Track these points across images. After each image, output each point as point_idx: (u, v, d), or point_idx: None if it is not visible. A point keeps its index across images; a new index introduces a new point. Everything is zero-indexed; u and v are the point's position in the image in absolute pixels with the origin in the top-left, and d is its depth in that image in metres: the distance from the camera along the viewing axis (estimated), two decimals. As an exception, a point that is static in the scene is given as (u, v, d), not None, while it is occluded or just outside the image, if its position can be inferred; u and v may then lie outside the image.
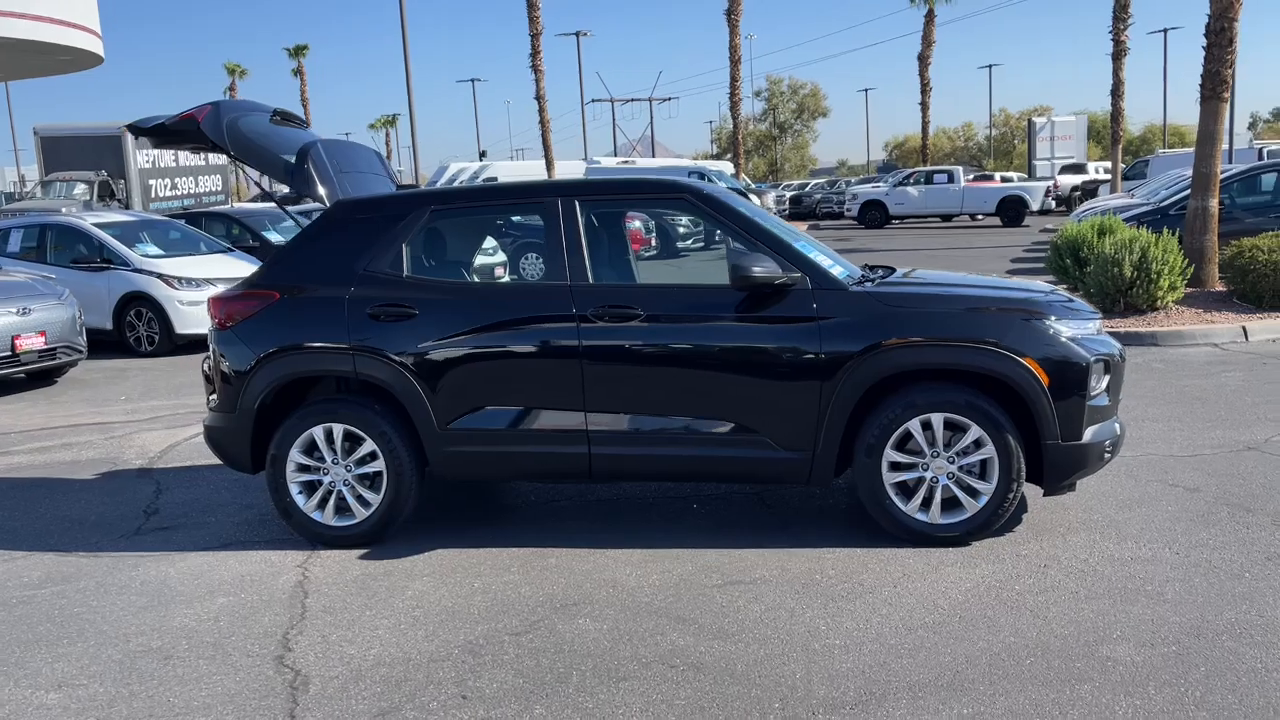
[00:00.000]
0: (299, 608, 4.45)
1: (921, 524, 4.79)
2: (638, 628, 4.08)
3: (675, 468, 5.05)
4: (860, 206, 35.96)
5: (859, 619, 4.05)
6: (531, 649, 3.93)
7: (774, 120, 76.92)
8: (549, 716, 3.42)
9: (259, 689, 3.72)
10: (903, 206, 35.48)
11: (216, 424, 5.38)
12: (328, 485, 5.17)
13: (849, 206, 36.62)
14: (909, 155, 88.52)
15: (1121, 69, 30.50)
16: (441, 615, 4.30)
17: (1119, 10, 30.23)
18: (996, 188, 35.19)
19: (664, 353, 4.90)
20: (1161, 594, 4.16)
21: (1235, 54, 12.01)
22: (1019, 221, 33.22)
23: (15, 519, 6.01)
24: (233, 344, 5.26)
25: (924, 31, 46.10)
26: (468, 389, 5.02)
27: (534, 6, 36.75)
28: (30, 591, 4.82)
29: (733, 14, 38.90)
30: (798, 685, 3.54)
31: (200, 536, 5.52)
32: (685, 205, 5.23)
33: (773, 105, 77.43)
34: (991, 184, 36.12)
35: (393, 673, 3.80)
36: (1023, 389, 4.65)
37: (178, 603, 4.59)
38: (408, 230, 5.22)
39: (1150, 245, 10.88)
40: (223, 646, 4.10)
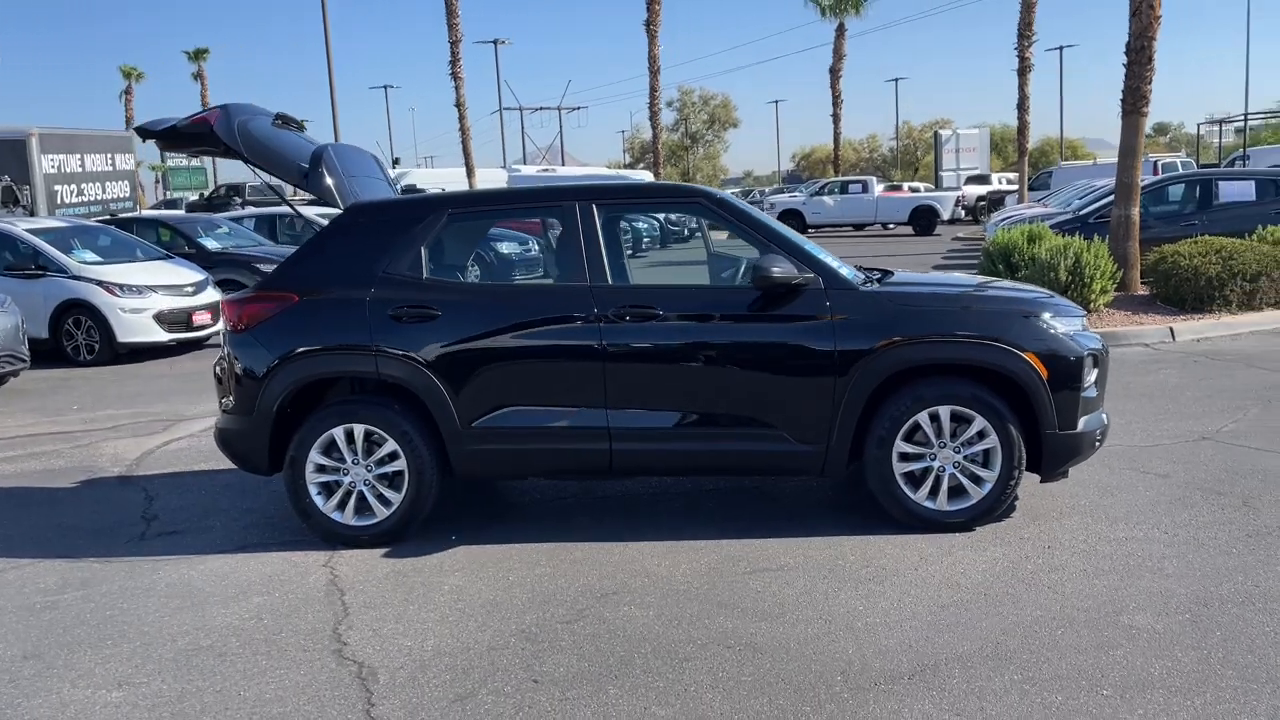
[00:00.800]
0: (340, 605, 4.51)
1: (930, 511, 5.06)
2: (683, 613, 4.25)
3: (694, 462, 5.24)
4: (778, 216, 36.66)
5: (891, 599, 4.29)
6: (587, 635, 4.08)
7: (686, 130, 77.73)
8: (624, 696, 3.57)
9: (327, 680, 3.79)
10: (819, 216, 36.26)
11: (232, 426, 5.39)
12: (347, 485, 5.23)
13: (767, 215, 37.27)
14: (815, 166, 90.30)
15: (1027, 84, 31.69)
16: (486, 607, 4.41)
17: (1023, 28, 31.42)
18: (909, 198, 36.29)
19: (684, 351, 5.08)
20: (1162, 569, 4.49)
21: (1154, 71, 12.72)
22: (931, 230, 34.26)
23: (8, 527, 5.90)
24: (250, 346, 5.28)
25: (835, 45, 47.15)
26: (490, 388, 5.13)
27: (453, 13, 36.52)
28: (52, 597, 4.77)
29: (651, 24, 39.23)
30: (853, 660, 3.75)
31: (210, 540, 5.50)
32: (700, 209, 5.43)
33: (684, 116, 78.24)
34: (904, 194, 37.23)
35: (456, 661, 3.90)
36: (1024, 382, 4.95)
37: (212, 603, 4.60)
38: (426, 233, 5.32)
39: (1083, 251, 11.46)
40: (275, 643, 4.14)
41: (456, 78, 37.32)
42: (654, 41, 39.44)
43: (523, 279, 5.77)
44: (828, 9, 47.14)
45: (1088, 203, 17.86)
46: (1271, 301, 11.70)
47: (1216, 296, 11.48)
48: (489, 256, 5.99)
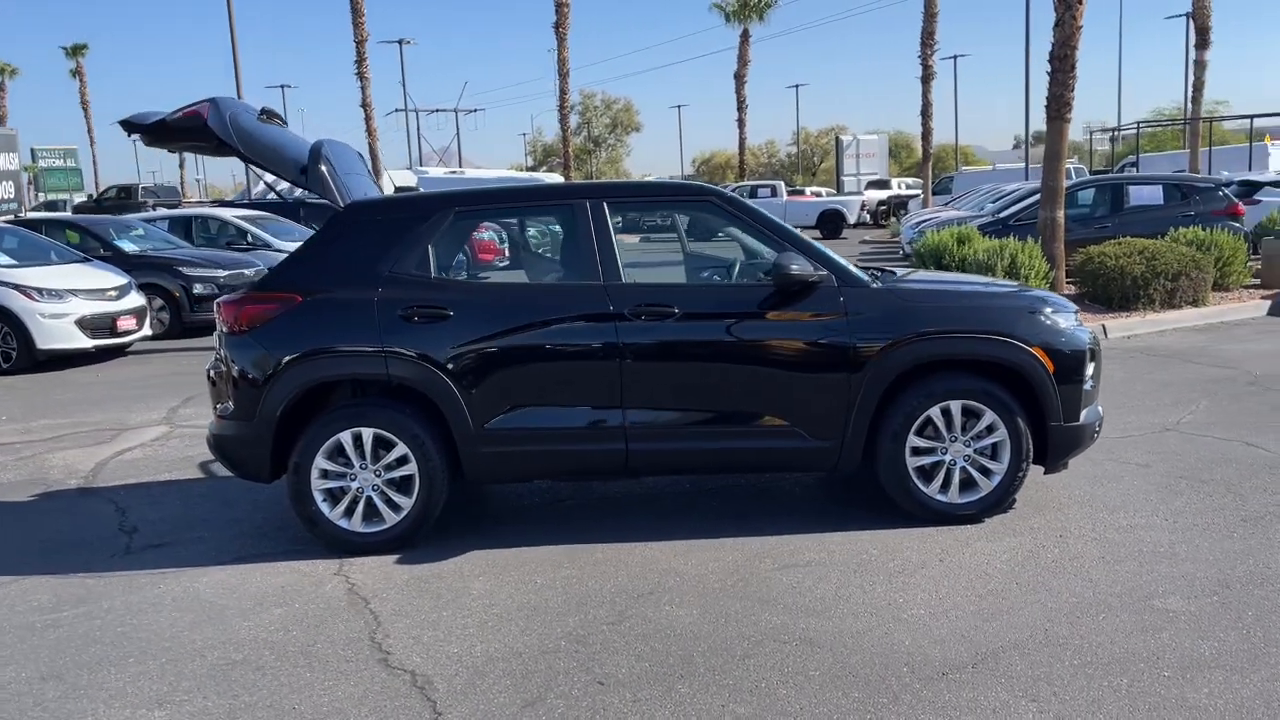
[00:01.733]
0: (369, 613, 4.38)
1: (942, 504, 5.16)
2: (726, 610, 4.25)
3: (710, 460, 5.24)
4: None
5: (927, 591, 4.36)
6: (637, 636, 4.04)
7: (589, 134, 77.75)
8: (696, 694, 3.55)
9: (383, 690, 3.67)
10: (729, 219, 36.63)
11: (230, 432, 5.18)
12: (355, 491, 5.08)
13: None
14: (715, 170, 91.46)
15: (930, 91, 32.60)
16: (524, 611, 4.33)
17: (926, 37, 32.33)
18: (816, 202, 37.03)
19: (700, 349, 5.08)
20: (1174, 554, 4.67)
21: (1076, 78, 13.22)
22: (838, 234, 34.97)
23: (-24, 543, 5.57)
24: (250, 348, 5.09)
25: (740, 51, 47.67)
26: (504, 389, 5.04)
27: (359, 12, 35.86)
28: (50, 615, 4.52)
29: (560, 27, 39.12)
30: (914, 651, 3.80)
31: (203, 552, 5.28)
32: (711, 208, 5.43)
33: (587, 119, 78.26)
34: (811, 199, 37.95)
35: (511, 667, 3.83)
36: (1031, 376, 5.09)
37: (229, 616, 4.42)
38: (432, 231, 5.20)
39: (1019, 251, 11.84)
40: (313, 654, 4.00)
41: (363, 77, 36.67)
42: (563, 44, 39.34)
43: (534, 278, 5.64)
44: (732, 15, 47.68)
45: (1003, 206, 18.47)
46: (1190, 300, 12.27)
47: (1141, 295, 11.99)
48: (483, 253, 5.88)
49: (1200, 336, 11.10)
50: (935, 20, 32.11)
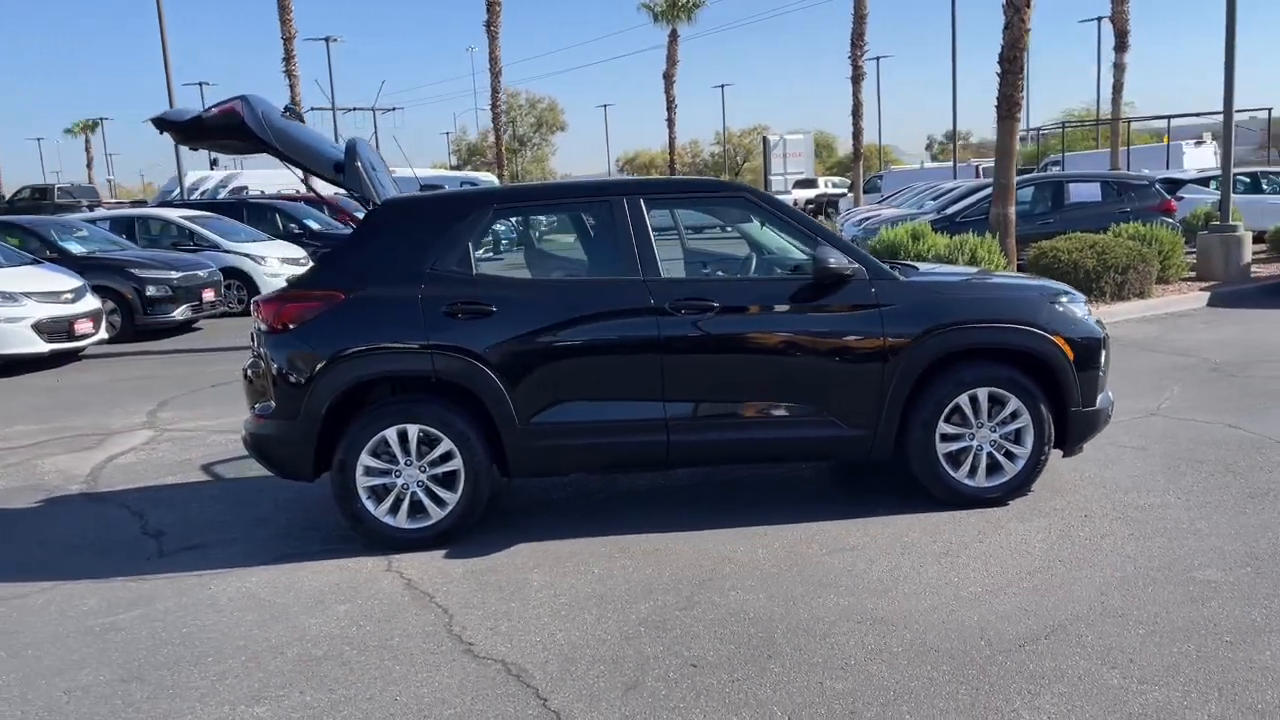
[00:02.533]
0: (435, 607, 4.42)
1: (970, 488, 5.37)
2: (791, 593, 4.38)
3: (748, 451, 5.38)
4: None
5: (977, 570, 4.55)
6: (713, 620, 4.15)
7: (514, 133, 77.35)
8: (790, 672, 3.68)
9: (480, 679, 3.73)
10: (666, 217, 36.85)
11: (271, 431, 5.15)
12: (400, 488, 5.10)
13: (613, 217, 37.63)
14: (641, 171, 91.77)
15: (860, 91, 33.26)
16: (592, 600, 4.41)
17: (856, 38, 32.99)
18: (751, 200, 37.33)
19: (739, 342, 5.21)
20: (1197, 529, 4.93)
21: (1024, 79, 13.67)
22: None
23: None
24: (293, 346, 5.07)
25: (668, 50, 47.90)
26: (548, 384, 5.11)
27: (286, 9, 35.25)
28: (106, 618, 4.47)
29: (491, 25, 38.96)
30: (984, 626, 3.98)
31: (241, 553, 5.25)
32: (743, 203, 5.57)
33: (511, 118, 77.80)
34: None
35: (600, 652, 3.91)
36: (1054, 364, 5.32)
37: (294, 614, 4.42)
38: (473, 228, 5.24)
39: (978, 246, 12.22)
40: (394, 648, 4.03)
41: (291, 75, 36.08)
42: (495, 42, 39.21)
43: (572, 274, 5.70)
44: (660, 14, 47.82)
45: (946, 204, 18.95)
46: (1137, 292, 12.80)
47: (1093, 288, 12.45)
48: (534, 251, 5.93)
49: (1151, 327, 11.59)
50: (865, 22, 32.78)
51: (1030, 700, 3.39)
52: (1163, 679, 3.51)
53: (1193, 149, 30.86)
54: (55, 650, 4.16)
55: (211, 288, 14.89)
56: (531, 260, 5.74)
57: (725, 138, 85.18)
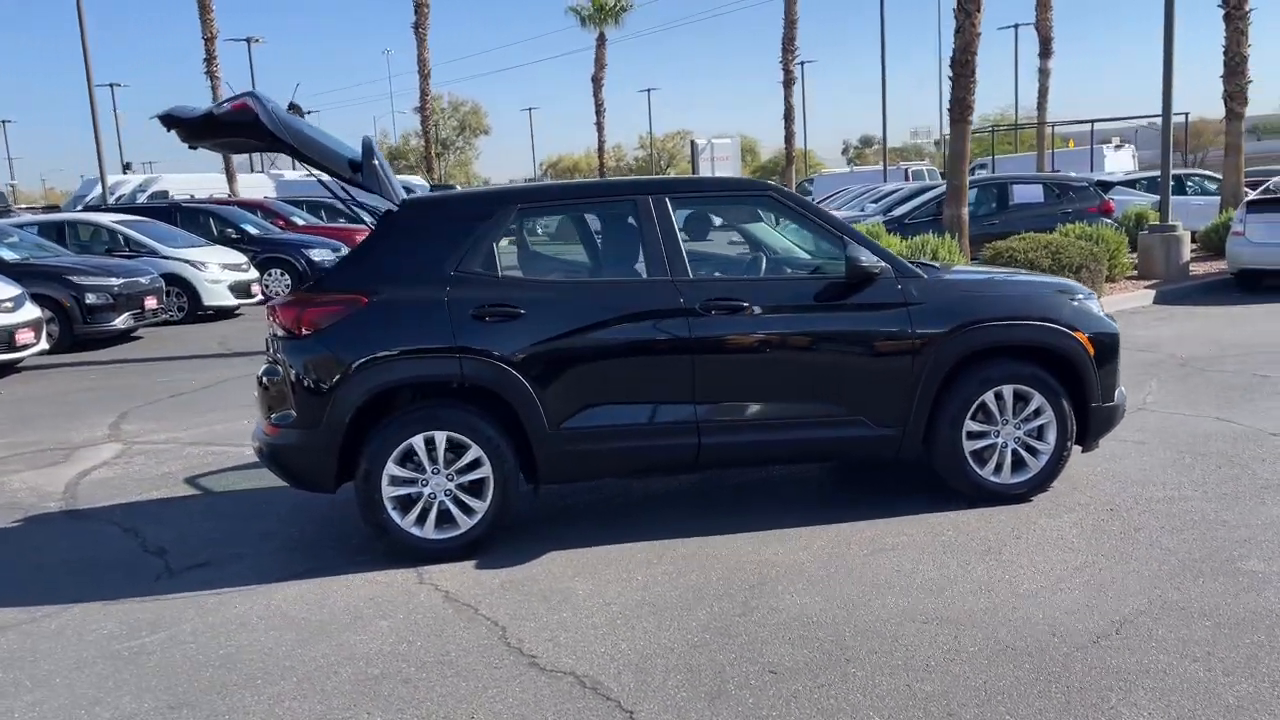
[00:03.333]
0: (483, 619, 4.27)
1: (996, 485, 5.39)
2: (846, 595, 4.33)
3: (779, 452, 5.32)
4: (557, 221, 36.98)
5: (1026, 567, 4.55)
6: (777, 625, 4.07)
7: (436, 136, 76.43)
8: (873, 675, 3.62)
9: (556, 693, 3.60)
10: (598, 221, 36.82)
11: (291, 441, 4.93)
12: (427, 497, 4.93)
13: (545, 221, 37.51)
14: (565, 174, 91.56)
15: (791, 95, 33.60)
16: (645, 608, 4.31)
17: (787, 43, 33.31)
18: (683, 203, 37.46)
19: (770, 342, 5.15)
20: (1224, 521, 5.01)
21: (975, 83, 13.91)
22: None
23: (-10, 573, 5.14)
24: (315, 352, 4.87)
25: (596, 54, 47.93)
26: (578, 387, 4.99)
27: (207, 8, 34.30)
28: (130, 642, 4.22)
29: (419, 27, 38.51)
30: (1053, 623, 3.97)
31: (254, 570, 5.02)
32: (770, 202, 5.52)
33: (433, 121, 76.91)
34: (678, 199, 38.38)
35: (671, 661, 3.81)
36: (1076, 360, 5.37)
37: (334, 631, 4.23)
38: (497, 229, 5.10)
39: (940, 246, 12.38)
40: (453, 664, 3.88)
41: (213, 76, 35.09)
42: (423, 45, 38.76)
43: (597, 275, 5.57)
44: (588, 18, 47.85)
45: (890, 206, 19.22)
46: (1088, 291, 13.07)
47: (1048, 287, 12.68)
48: (559, 252, 5.80)
49: (1107, 325, 11.84)
50: (795, 27, 33.13)
51: (1125, 696, 3.39)
52: (1245, 670, 3.53)
53: (1113, 152, 31.84)
54: (85, 678, 3.92)
55: (154, 295, 14.37)
56: (557, 261, 5.60)
57: (650, 142, 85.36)
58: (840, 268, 5.11)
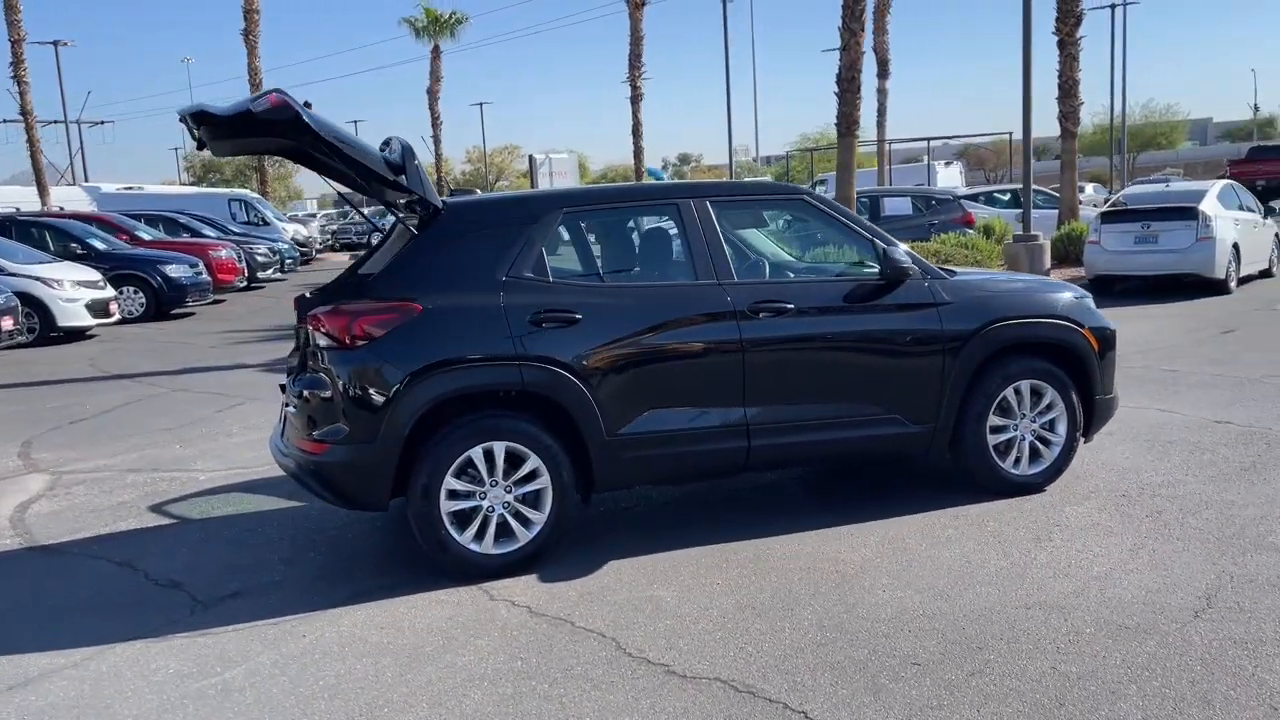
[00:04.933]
0: (585, 632, 4.15)
1: (1017, 477, 5.63)
2: (936, 587, 4.43)
3: (822, 451, 5.39)
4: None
5: (1083, 552, 4.76)
6: (889, 620, 4.12)
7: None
8: (1013, 661, 3.70)
9: (715, 699, 3.54)
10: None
11: (343, 458, 4.65)
12: (485, 510, 4.75)
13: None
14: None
15: (640, 111, 33.97)
16: (746, 610, 4.28)
17: (634, 59, 33.67)
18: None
19: (814, 343, 5.23)
20: (1230, 500, 5.39)
21: (860, 99, 14.49)
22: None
23: None
24: (369, 362, 4.62)
25: (431, 66, 47.12)
26: (635, 394, 4.92)
27: (14, 9, 31.89)
28: (210, 680, 3.89)
29: (249, 34, 36.90)
30: (1147, 602, 4.16)
31: (298, 597, 4.72)
32: (802, 206, 5.60)
33: (249, 134, 73.77)
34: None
35: (809, 660, 3.80)
36: (1083, 355, 5.68)
37: (433, 653, 4.02)
38: (545, 233, 4.98)
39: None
40: (588, 678, 3.75)
41: (21, 82, 32.73)
42: (254, 53, 37.20)
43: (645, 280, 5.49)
44: (422, 30, 47.01)
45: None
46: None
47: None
48: (606, 256, 5.68)
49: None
50: (642, 43, 33.52)
51: (1265, 664, 3.60)
52: (1345, 632, 3.82)
53: (944, 169, 33.75)
54: None
55: (9, 315, 13.24)
56: (603, 265, 5.50)
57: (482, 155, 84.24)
58: (848, 270, 5.26)
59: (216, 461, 7.41)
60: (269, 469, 6.98)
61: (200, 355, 13.26)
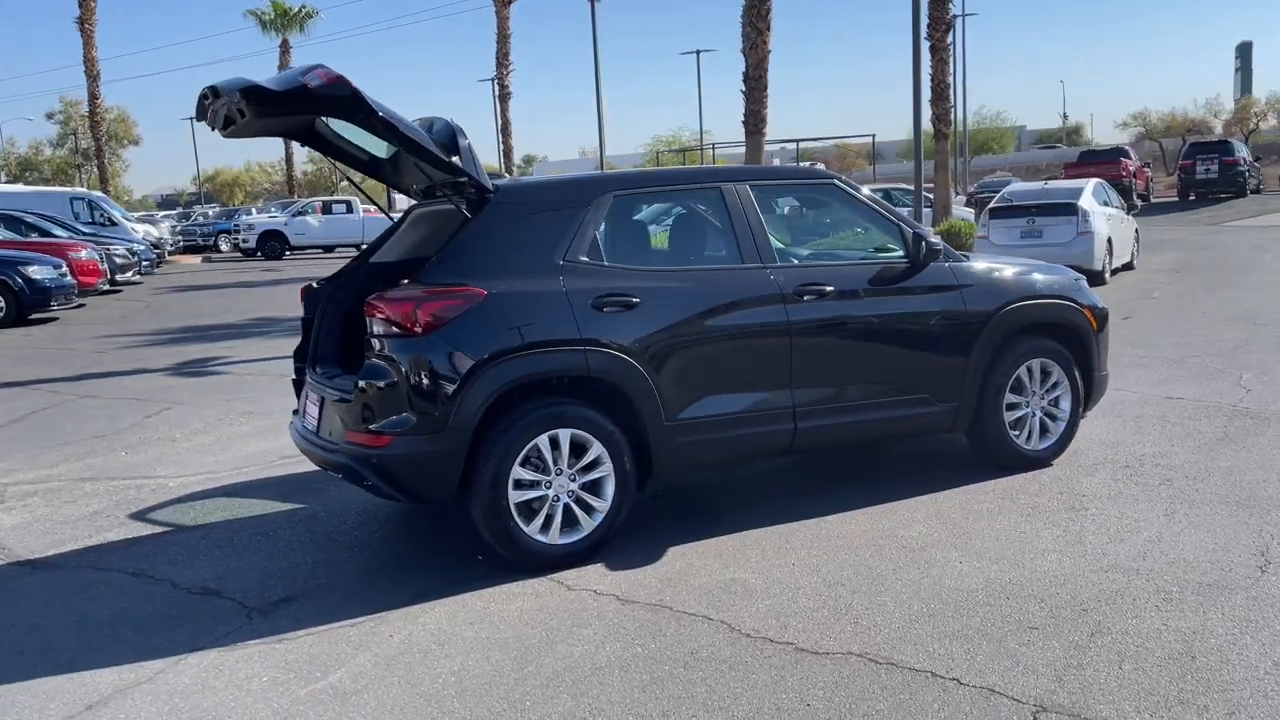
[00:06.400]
0: (691, 615, 4.10)
1: (1029, 451, 5.86)
2: (1005, 556, 4.57)
3: (860, 432, 5.47)
4: (259, 237, 34.84)
5: (1122, 518, 4.99)
6: (976, 589, 4.22)
7: (75, 146, 69.07)
8: (1123, 620, 3.85)
9: (862, 673, 3.55)
10: (304, 237, 35.14)
11: (411, 450, 4.44)
12: (551, 500, 4.64)
13: (245, 237, 35.27)
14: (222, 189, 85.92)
15: (508, 110, 33.72)
16: (839, 588, 4.30)
17: (501, 57, 33.41)
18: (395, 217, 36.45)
19: (854, 325, 5.32)
20: (1223, 468, 5.74)
21: (768, 97, 14.78)
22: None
23: (45, 628, 4.23)
24: (439, 350, 4.43)
25: (280, 62, 45.51)
26: (691, 378, 4.90)
27: None
28: (311, 686, 3.67)
29: (86, 22, 34.78)
30: (1213, 561, 4.39)
31: (357, 598, 4.50)
32: (832, 190, 5.68)
33: (71, 129, 69.54)
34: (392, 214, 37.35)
35: (931, 630, 3.85)
36: (1084, 334, 5.96)
37: (540, 647, 3.89)
38: (597, 217, 4.89)
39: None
40: (723, 659, 3.71)
41: None
42: (90, 42, 35.21)
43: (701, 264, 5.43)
44: (269, 24, 45.39)
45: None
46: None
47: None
48: (654, 239, 5.59)
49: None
50: (509, 41, 33.26)
51: (1346, 607, 3.87)
52: (1397, 577, 4.14)
53: (808, 169, 34.69)
54: (314, 728, 3.36)
55: None
56: (653, 249, 5.41)
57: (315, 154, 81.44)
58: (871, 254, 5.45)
59: (177, 468, 6.96)
60: (240, 474, 6.70)
61: (90, 361, 12.40)
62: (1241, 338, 10.10)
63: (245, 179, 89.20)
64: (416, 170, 5.44)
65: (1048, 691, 3.36)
